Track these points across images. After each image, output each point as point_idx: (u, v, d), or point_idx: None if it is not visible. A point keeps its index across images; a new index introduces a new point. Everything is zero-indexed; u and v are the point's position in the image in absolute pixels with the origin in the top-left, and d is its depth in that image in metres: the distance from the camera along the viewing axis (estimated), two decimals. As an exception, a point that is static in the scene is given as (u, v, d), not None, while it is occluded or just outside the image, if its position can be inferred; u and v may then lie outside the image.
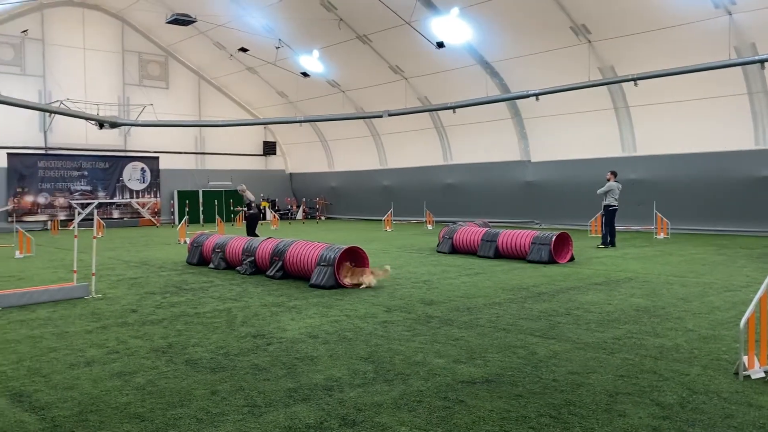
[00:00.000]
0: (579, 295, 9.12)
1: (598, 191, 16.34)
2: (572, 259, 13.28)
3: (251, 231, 17.02)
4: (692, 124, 19.94)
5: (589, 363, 5.58)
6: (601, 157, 22.07)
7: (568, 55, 20.78)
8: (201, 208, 30.79)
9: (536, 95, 20.57)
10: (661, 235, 18.79)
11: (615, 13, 18.84)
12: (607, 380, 5.09)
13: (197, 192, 32.41)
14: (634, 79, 18.53)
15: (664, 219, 18.92)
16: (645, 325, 7.05)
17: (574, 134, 23.06)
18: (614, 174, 16.45)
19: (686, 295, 8.94)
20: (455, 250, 15.05)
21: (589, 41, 20.13)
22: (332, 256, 10.02)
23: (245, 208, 17.46)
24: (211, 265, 12.72)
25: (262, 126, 35.08)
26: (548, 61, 21.43)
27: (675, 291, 9.34)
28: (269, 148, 36.16)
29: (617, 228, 16.98)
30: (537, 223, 24.62)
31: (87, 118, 25.14)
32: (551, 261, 12.78)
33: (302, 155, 36.11)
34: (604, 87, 20.73)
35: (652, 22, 18.39)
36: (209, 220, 30.82)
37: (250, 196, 17.52)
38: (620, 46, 19.73)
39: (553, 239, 12.93)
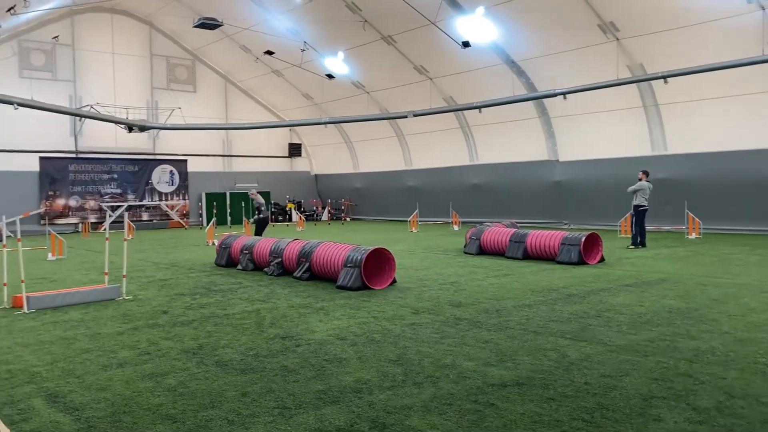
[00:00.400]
0: (610, 296, 8.99)
1: (629, 189, 16.12)
2: (602, 260, 13.10)
3: (259, 234, 17.18)
4: (724, 121, 19.55)
5: (622, 366, 5.49)
6: (630, 156, 21.75)
7: (596, 53, 20.52)
8: (228, 210, 31.08)
9: (563, 94, 20.36)
10: (693, 235, 18.46)
11: (644, 10, 18.55)
12: (641, 384, 5.00)
13: (224, 194, 32.74)
14: (664, 77, 18.24)
15: (696, 219, 18.59)
16: (678, 328, 6.91)
17: (602, 133, 22.77)
18: (646, 173, 16.20)
19: (720, 297, 8.75)
20: (483, 251, 14.95)
21: (617, 39, 19.85)
22: (358, 258, 10.02)
23: (257, 214, 17.60)
24: (239, 267, 12.82)
25: (288, 128, 35.29)
26: (576, 59, 21.19)
27: (708, 292, 9.16)
28: (295, 150, 36.36)
29: (647, 228, 16.71)
30: (565, 224, 24.36)
31: (116, 122, 25.56)
32: (581, 262, 12.62)
33: (327, 156, 36.24)
34: (633, 85, 20.42)
35: (683, 18, 18.07)
36: (237, 221, 31.09)
37: (259, 199, 17.76)
38: (649, 44, 19.42)
39: (583, 240, 12.77)
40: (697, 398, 4.65)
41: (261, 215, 17.48)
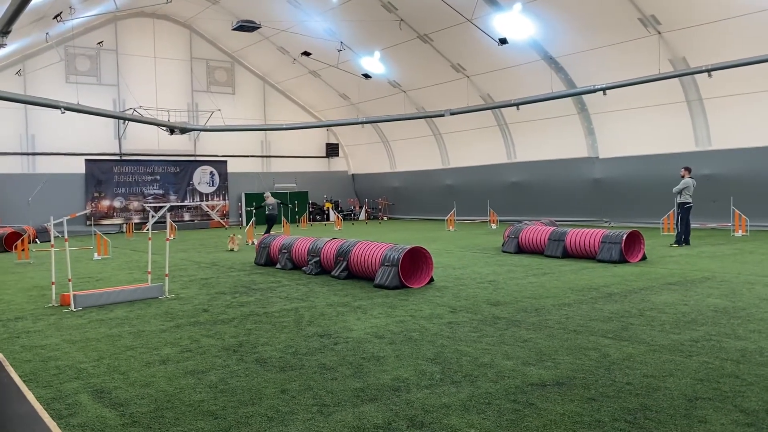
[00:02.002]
0: (652, 295, 8.80)
1: (674, 189, 15.73)
2: (644, 258, 12.84)
3: (269, 227, 20.60)
4: (772, 115, 18.95)
5: (666, 366, 5.37)
6: (673, 152, 21.25)
7: (637, 48, 20.10)
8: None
9: (603, 90, 19.99)
10: (740, 233, 17.94)
11: (686, 2, 18.10)
12: (686, 384, 4.88)
13: (263, 194, 33.08)
14: (708, 70, 17.74)
15: (743, 216, 18.06)
16: (724, 327, 6.73)
17: (644, 129, 22.30)
18: (689, 170, 15.81)
19: (769, 296, 8.49)
20: (521, 249, 14.81)
21: (659, 32, 19.41)
22: (396, 257, 10.02)
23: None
24: (278, 266, 12.96)
25: (325, 128, 35.52)
26: (616, 54, 20.80)
27: (756, 291, 8.88)
28: (332, 150, 36.58)
29: (692, 225, 16.30)
30: (606, 222, 23.95)
31: (159, 125, 26.10)
32: (622, 260, 12.39)
33: (364, 156, 36.35)
34: (676, 79, 19.95)
35: (726, 9, 17.57)
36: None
37: (268, 201, 21.07)
38: (692, 36, 18.94)
39: (624, 238, 12.54)
40: (744, 400, 4.52)
41: (267, 212, 20.70)
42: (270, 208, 20.81)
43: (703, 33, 18.61)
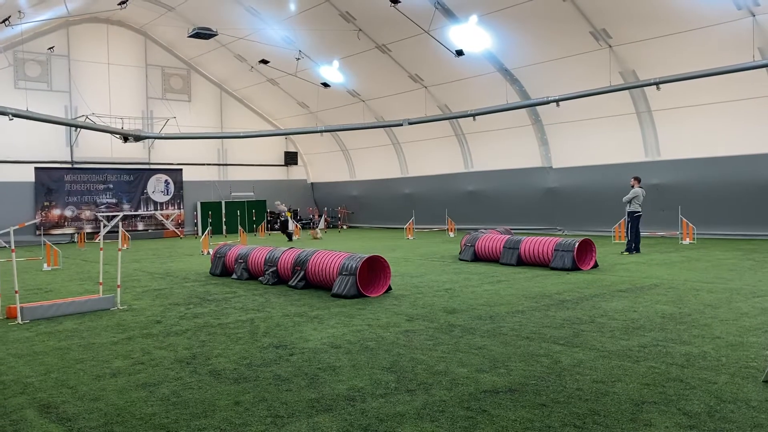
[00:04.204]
0: (603, 302, 9.02)
1: (624, 199, 16.16)
2: (596, 265, 13.15)
3: (284, 232, 24.74)
4: (717, 127, 19.66)
5: (614, 371, 5.52)
6: (623, 162, 21.84)
7: (589, 61, 20.64)
8: (224, 219, 31.06)
9: (556, 101, 20.45)
10: (687, 241, 18.52)
11: (636, 17, 18.68)
12: (633, 389, 5.03)
13: (220, 203, 32.72)
14: (657, 83, 18.35)
15: (690, 224, 18.66)
16: (671, 333, 6.95)
17: (595, 140, 22.87)
18: (638, 180, 16.27)
19: (713, 302, 8.80)
20: (477, 257, 14.99)
21: (610, 46, 19.97)
22: (354, 266, 10.04)
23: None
24: (234, 276, 12.82)
25: (284, 137, 35.33)
26: (568, 66, 21.30)
27: (702, 297, 9.20)
28: (291, 159, 36.39)
29: (642, 234, 16.76)
30: (560, 230, 24.42)
31: (112, 132, 25.59)
32: (574, 268, 12.66)
33: (323, 165, 36.29)
34: (626, 91, 20.53)
35: (674, 24, 18.21)
36: (232, 230, 31.06)
37: (279, 209, 25.14)
38: (641, 50, 19.55)
39: (576, 246, 12.82)
40: (687, 403, 4.68)
41: (281, 219, 24.16)
42: (282, 216, 25.01)
43: (652, 47, 19.22)
